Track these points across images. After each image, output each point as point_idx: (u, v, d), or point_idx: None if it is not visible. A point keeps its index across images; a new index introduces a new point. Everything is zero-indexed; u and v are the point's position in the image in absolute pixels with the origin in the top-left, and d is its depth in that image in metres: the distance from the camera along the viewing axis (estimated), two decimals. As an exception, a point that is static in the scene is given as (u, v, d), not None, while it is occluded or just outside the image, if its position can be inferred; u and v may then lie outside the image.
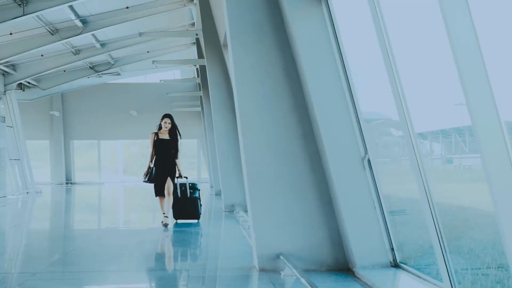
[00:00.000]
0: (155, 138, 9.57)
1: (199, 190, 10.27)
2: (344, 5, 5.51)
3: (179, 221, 10.00)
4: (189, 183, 10.10)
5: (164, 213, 9.54)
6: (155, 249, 7.39)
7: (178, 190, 9.96)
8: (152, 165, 9.58)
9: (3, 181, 18.72)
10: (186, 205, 10.02)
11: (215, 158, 15.76)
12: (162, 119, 9.66)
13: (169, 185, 9.53)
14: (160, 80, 25.39)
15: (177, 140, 9.61)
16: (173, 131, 9.60)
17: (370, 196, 5.27)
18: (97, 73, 24.20)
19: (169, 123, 9.58)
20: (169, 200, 9.53)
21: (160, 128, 9.60)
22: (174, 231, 8.92)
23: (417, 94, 5.26)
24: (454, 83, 3.23)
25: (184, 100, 26.96)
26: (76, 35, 16.31)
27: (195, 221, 10.02)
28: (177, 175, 9.68)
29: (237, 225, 9.49)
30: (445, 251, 4.03)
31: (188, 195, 10.04)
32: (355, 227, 5.25)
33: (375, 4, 4.38)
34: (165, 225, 9.33)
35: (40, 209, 15.98)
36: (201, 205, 10.31)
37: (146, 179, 9.65)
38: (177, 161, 9.63)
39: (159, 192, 9.68)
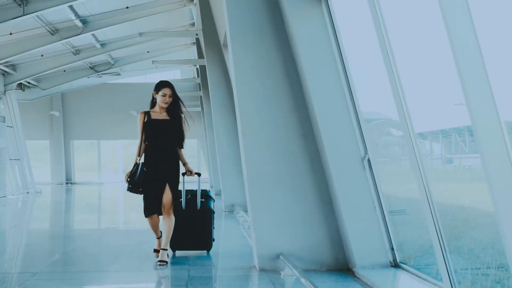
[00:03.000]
0: (145, 119, 6.00)
1: (214, 200, 6.79)
2: (344, 5, 5.52)
3: (179, 253, 6.46)
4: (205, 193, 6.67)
5: (159, 237, 6.17)
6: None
7: (183, 199, 6.43)
8: (139, 161, 6.01)
9: (3, 181, 18.72)
10: (194, 225, 6.42)
11: (215, 158, 15.76)
12: (157, 90, 6.01)
13: (168, 198, 5.91)
14: (160, 80, 25.35)
15: (182, 121, 6.11)
16: (175, 107, 6.10)
17: (370, 196, 5.27)
18: (97, 73, 24.22)
19: (169, 96, 6.01)
20: (169, 222, 5.94)
21: (153, 105, 6.10)
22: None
23: (417, 94, 5.27)
24: (454, 83, 3.23)
25: (184, 100, 26.75)
26: (76, 35, 16.33)
27: (204, 252, 6.54)
28: (182, 172, 6.17)
29: (237, 225, 9.49)
30: (445, 251, 4.03)
31: (199, 207, 6.49)
32: (355, 227, 5.25)
33: (375, 4, 4.38)
34: (162, 263, 5.81)
35: (40, 209, 15.97)
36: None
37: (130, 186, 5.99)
38: (182, 152, 6.10)
39: (151, 208, 5.98)
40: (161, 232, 6.15)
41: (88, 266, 6.15)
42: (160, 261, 5.82)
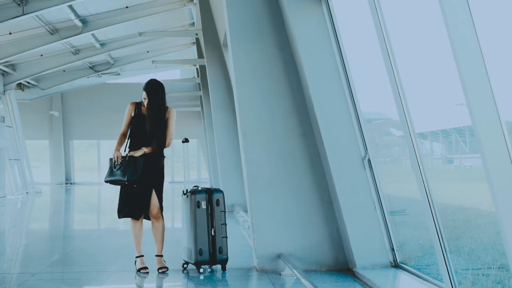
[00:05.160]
0: (135, 113, 5.71)
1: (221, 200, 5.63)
2: (344, 5, 5.51)
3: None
4: (206, 187, 5.66)
5: (141, 255, 5.57)
6: (154, 249, 7.39)
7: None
8: (125, 153, 5.59)
9: (3, 181, 18.71)
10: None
11: (215, 158, 15.75)
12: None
13: (154, 202, 5.50)
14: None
15: (163, 126, 5.58)
16: (156, 104, 5.65)
17: (370, 196, 5.26)
18: (96, 73, 24.22)
19: (144, 98, 5.72)
20: (160, 226, 5.56)
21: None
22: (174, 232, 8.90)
23: (417, 94, 5.26)
24: (455, 83, 3.23)
25: (184, 100, 26.96)
26: (75, 35, 16.33)
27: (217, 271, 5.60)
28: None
29: (237, 225, 9.48)
30: (446, 251, 4.02)
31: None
32: (355, 227, 5.25)
33: (375, 4, 4.37)
34: (163, 270, 5.53)
35: (39, 209, 15.97)
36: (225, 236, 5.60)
37: (118, 176, 5.47)
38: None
39: (135, 208, 5.49)
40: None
41: (87, 266, 6.14)
42: (161, 268, 5.51)
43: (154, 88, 5.71)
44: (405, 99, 4.28)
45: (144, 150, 5.51)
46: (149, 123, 5.57)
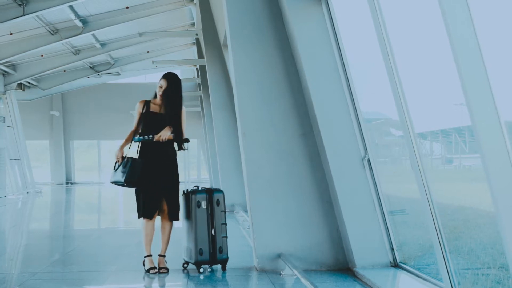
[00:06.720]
0: (143, 110, 5.60)
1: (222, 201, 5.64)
2: (344, 5, 5.52)
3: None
4: (206, 187, 5.67)
5: (149, 255, 5.55)
6: (154, 249, 7.39)
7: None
8: (132, 155, 5.52)
9: (3, 181, 18.72)
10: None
11: (215, 158, 15.75)
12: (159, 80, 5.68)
13: (164, 202, 5.57)
14: (160, 80, 25.39)
15: (179, 115, 5.62)
16: (169, 102, 5.60)
17: (370, 196, 5.27)
18: (97, 73, 24.23)
19: (163, 88, 5.61)
20: (169, 226, 5.62)
21: (155, 96, 5.67)
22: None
23: (417, 94, 5.27)
24: (454, 83, 3.23)
25: (184, 100, 26.83)
26: (76, 35, 16.34)
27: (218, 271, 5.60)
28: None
29: (237, 225, 9.49)
30: (445, 251, 4.03)
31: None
32: (355, 227, 5.25)
33: (375, 4, 4.38)
34: (163, 271, 5.52)
35: (40, 209, 15.97)
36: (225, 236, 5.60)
37: (117, 178, 5.44)
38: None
39: (152, 208, 5.53)
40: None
41: (88, 266, 6.15)
42: (161, 268, 5.50)
43: (174, 78, 5.75)
44: (405, 99, 4.29)
45: (168, 133, 5.50)
46: (165, 107, 5.59)
